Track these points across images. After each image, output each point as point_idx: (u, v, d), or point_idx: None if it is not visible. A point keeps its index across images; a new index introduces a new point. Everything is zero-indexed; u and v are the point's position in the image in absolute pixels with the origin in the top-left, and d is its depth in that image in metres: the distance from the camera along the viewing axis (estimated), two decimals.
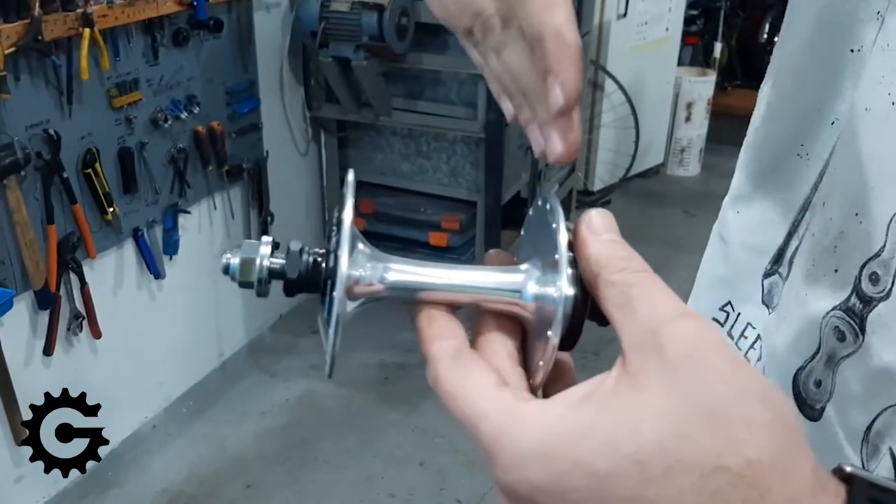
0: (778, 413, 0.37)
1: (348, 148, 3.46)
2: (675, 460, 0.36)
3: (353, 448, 2.81)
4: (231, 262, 0.44)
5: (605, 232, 0.43)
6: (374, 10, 2.84)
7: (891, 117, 0.58)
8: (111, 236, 2.49)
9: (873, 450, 0.59)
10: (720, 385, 0.36)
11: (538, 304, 0.45)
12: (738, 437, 0.36)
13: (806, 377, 0.66)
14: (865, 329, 0.60)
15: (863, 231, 0.59)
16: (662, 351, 0.37)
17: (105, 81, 2.34)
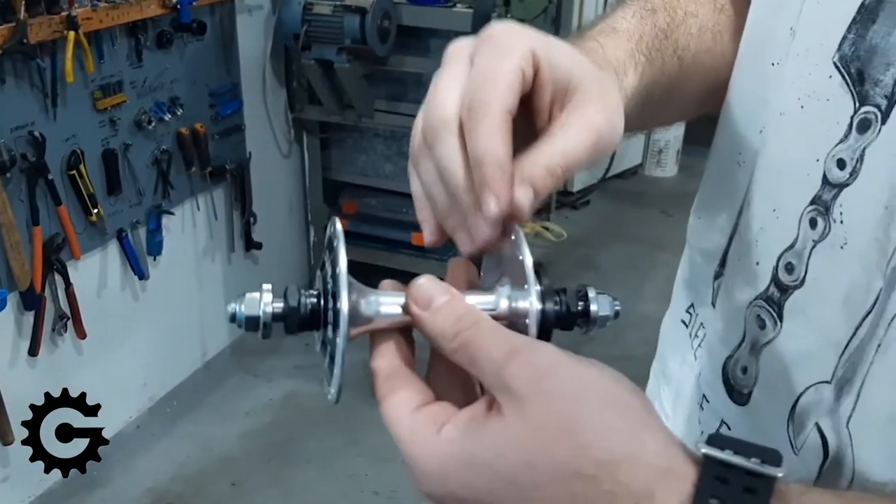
0: (620, 413, 0.44)
1: (331, 149, 3.48)
2: (541, 473, 0.43)
3: (338, 446, 2.83)
4: (237, 310, 0.50)
5: (434, 299, 0.48)
6: (357, 13, 2.87)
7: (800, 119, 0.62)
8: (95, 237, 2.51)
9: (799, 427, 0.64)
10: (561, 404, 0.43)
11: (511, 320, 0.50)
12: (585, 444, 0.42)
13: (734, 365, 0.71)
14: (783, 316, 0.64)
15: (779, 225, 0.64)
16: (510, 389, 0.44)
17: (89, 84, 2.35)
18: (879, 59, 0.56)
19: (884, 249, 0.56)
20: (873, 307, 0.57)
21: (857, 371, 0.58)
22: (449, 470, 0.45)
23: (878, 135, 0.56)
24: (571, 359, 0.46)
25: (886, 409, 0.57)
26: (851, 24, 0.58)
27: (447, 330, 0.47)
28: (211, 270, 3.10)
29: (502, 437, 0.44)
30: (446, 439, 0.45)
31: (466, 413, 0.46)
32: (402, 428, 0.47)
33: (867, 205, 0.57)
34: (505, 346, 0.45)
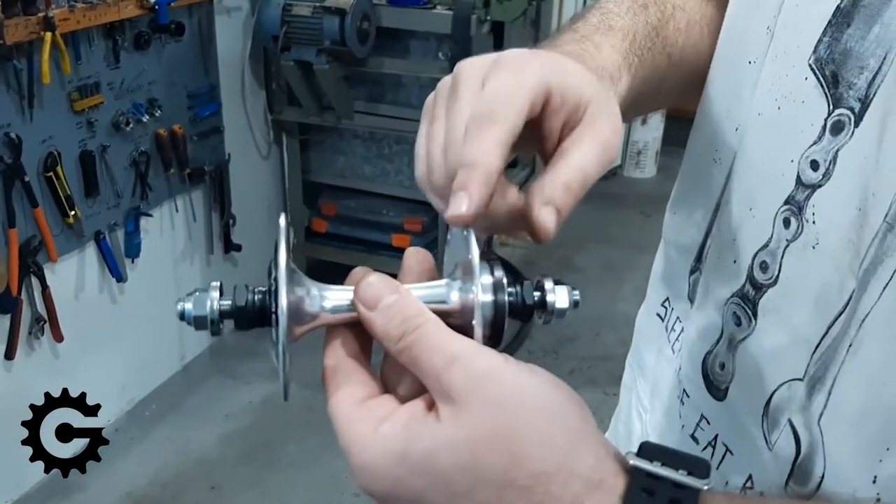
0: (556, 425, 0.45)
1: (310, 151, 3.48)
2: (476, 478, 0.44)
3: (317, 449, 2.83)
4: (185, 307, 0.50)
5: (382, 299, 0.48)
6: (336, 14, 2.86)
7: (776, 120, 0.63)
8: (73, 239, 2.49)
9: (773, 423, 0.65)
10: (497, 412, 0.44)
11: (462, 308, 0.50)
12: (519, 455, 0.43)
13: (712, 361, 0.72)
14: (758, 314, 0.66)
15: (755, 224, 0.65)
16: (448, 394, 0.45)
17: (66, 85, 2.33)
18: (854, 62, 0.57)
19: (857, 251, 0.56)
20: (846, 307, 0.58)
21: (828, 369, 0.59)
22: (383, 467, 0.46)
23: (850, 137, 0.57)
24: (511, 367, 0.46)
25: (856, 407, 0.57)
26: (827, 26, 0.59)
27: (392, 332, 0.47)
28: (190, 273, 3.09)
29: (437, 439, 0.44)
30: (382, 436, 0.46)
31: (406, 411, 0.47)
32: (342, 422, 0.48)
33: (839, 206, 0.58)
34: (446, 351, 0.46)
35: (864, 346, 0.56)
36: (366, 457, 0.46)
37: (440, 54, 3.05)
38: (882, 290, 0.54)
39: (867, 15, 0.56)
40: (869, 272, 0.55)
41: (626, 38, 0.68)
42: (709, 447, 0.73)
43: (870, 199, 0.55)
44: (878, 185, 0.55)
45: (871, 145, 0.55)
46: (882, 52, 0.55)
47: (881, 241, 0.54)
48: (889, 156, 0.54)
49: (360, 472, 0.47)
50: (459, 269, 0.52)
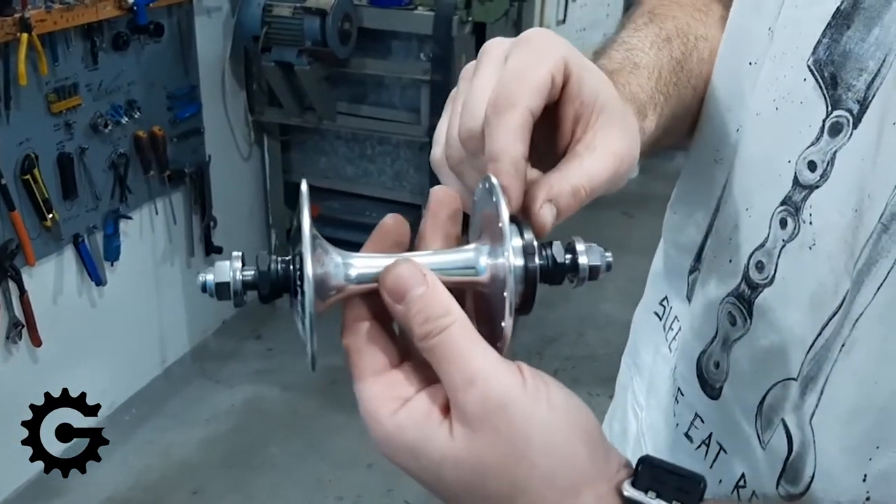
0: (562, 464, 0.46)
1: (292, 152, 3.46)
2: (479, 496, 0.47)
3: (301, 452, 2.81)
4: (207, 279, 0.49)
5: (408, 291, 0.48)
6: (317, 15, 2.85)
7: (775, 121, 0.64)
8: (51, 243, 2.46)
9: (767, 422, 0.65)
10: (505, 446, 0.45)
11: (492, 276, 0.49)
12: (521, 487, 0.46)
13: (707, 360, 0.72)
14: (753, 313, 0.66)
15: (752, 224, 0.66)
16: (464, 412, 0.46)
17: (43, 86, 2.31)
18: (853, 64, 0.57)
19: (852, 251, 0.57)
20: (840, 307, 0.58)
21: (821, 369, 0.59)
22: (398, 450, 0.48)
23: (849, 139, 0.57)
24: (528, 395, 0.46)
25: (847, 406, 0.58)
26: (826, 28, 0.59)
27: (416, 330, 0.47)
28: (170, 275, 3.06)
29: (446, 454, 0.46)
30: (398, 424, 0.47)
31: (423, 405, 0.48)
32: (364, 389, 0.49)
33: (836, 207, 0.58)
34: (466, 370, 0.46)
35: (856, 346, 0.56)
36: (383, 435, 0.48)
37: (422, 55, 3.04)
38: (876, 290, 0.55)
39: (867, 17, 0.56)
40: (863, 273, 0.55)
41: (651, 76, 0.68)
42: (703, 446, 0.74)
43: (865, 201, 0.56)
44: (874, 187, 0.55)
45: (868, 147, 0.56)
46: (881, 54, 0.55)
47: (876, 242, 0.55)
48: (886, 158, 0.54)
49: (378, 444, 0.49)
50: (486, 233, 0.51)
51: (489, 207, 0.50)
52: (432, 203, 0.52)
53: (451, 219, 0.52)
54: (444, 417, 0.47)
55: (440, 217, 0.52)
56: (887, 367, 0.55)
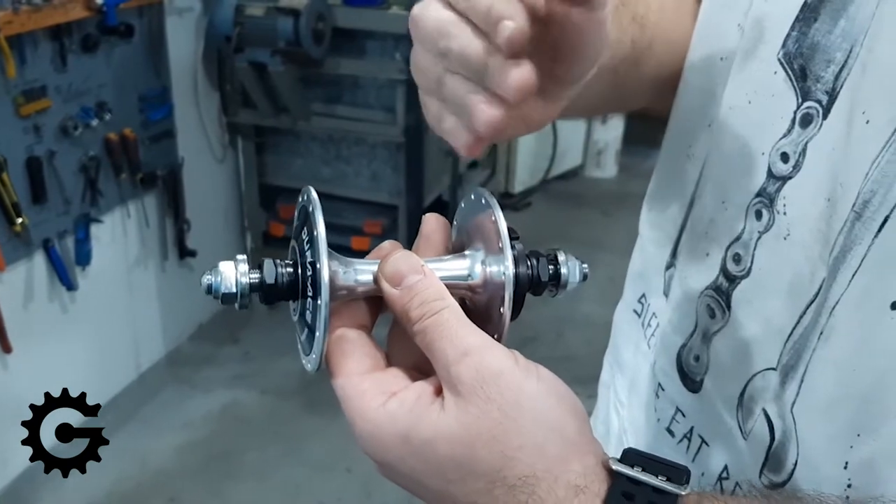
0: (552, 434, 0.48)
1: (266, 154, 3.42)
2: (469, 470, 0.47)
3: (278, 457, 2.78)
4: (213, 281, 0.50)
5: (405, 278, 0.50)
6: (290, 14, 2.82)
7: (747, 114, 0.65)
8: (20, 248, 2.42)
9: (747, 413, 0.66)
10: (497, 414, 0.47)
11: (486, 282, 0.52)
12: (511, 456, 0.47)
13: (687, 353, 0.74)
14: (731, 305, 0.67)
15: (728, 217, 0.67)
16: (456, 387, 0.47)
17: (11, 89, 2.27)
18: (821, 55, 0.59)
19: (826, 240, 0.57)
20: (816, 296, 0.59)
21: (800, 358, 0.60)
22: (387, 441, 0.49)
23: (819, 129, 0.59)
24: (520, 369, 0.49)
25: (828, 393, 0.58)
26: (795, 21, 0.61)
27: (411, 313, 0.49)
28: (143, 279, 3.02)
29: (439, 429, 0.47)
30: (389, 413, 0.48)
31: (414, 392, 0.49)
32: (349, 391, 0.50)
33: (809, 197, 0.59)
34: (460, 344, 0.48)
35: (834, 334, 0.57)
36: (371, 429, 0.49)
37: (397, 54, 3.01)
38: (851, 277, 0.55)
39: (833, 9, 0.58)
40: (838, 260, 0.56)
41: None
42: (684, 439, 0.74)
43: (838, 190, 0.57)
44: (846, 176, 0.56)
45: (838, 137, 0.57)
46: (848, 45, 0.57)
47: (849, 230, 0.55)
48: (856, 146, 0.55)
49: (364, 441, 0.49)
50: (479, 241, 0.53)
51: (480, 215, 0.53)
52: (425, 228, 0.56)
53: (443, 241, 0.56)
54: (435, 398, 0.49)
55: (432, 240, 0.56)
56: (866, 354, 0.55)
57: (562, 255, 0.54)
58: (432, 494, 0.49)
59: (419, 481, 0.49)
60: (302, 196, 0.53)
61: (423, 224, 0.56)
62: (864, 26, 0.56)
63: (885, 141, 0.53)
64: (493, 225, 0.52)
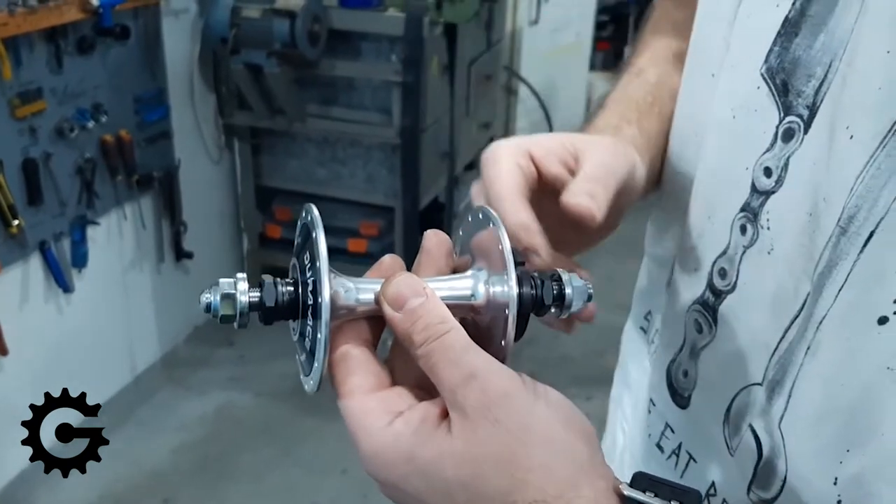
0: (561, 457, 0.47)
1: (262, 155, 3.43)
2: (477, 493, 0.46)
3: (274, 458, 2.79)
4: (212, 300, 0.49)
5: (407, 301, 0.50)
6: (286, 16, 2.83)
7: (732, 129, 0.66)
8: (16, 250, 2.42)
9: (734, 428, 0.66)
10: (506, 437, 0.46)
11: (489, 303, 0.52)
12: (521, 479, 0.46)
13: (676, 368, 0.74)
14: (717, 320, 0.68)
15: (714, 231, 0.67)
16: (463, 409, 0.47)
17: (7, 91, 2.27)
18: (802, 70, 0.59)
19: (810, 255, 0.57)
20: (801, 311, 0.59)
21: (787, 373, 0.60)
22: (391, 461, 0.48)
23: (801, 144, 0.59)
24: (527, 391, 0.48)
25: (816, 408, 0.58)
26: (777, 36, 0.61)
27: (414, 337, 0.49)
28: (139, 281, 3.02)
29: (444, 451, 0.47)
30: (394, 433, 0.48)
31: (419, 413, 0.48)
32: (353, 410, 0.49)
33: (792, 211, 0.59)
34: (465, 367, 0.48)
35: (821, 349, 0.57)
36: (375, 448, 0.48)
37: (393, 56, 3.02)
38: (837, 292, 0.55)
39: (813, 24, 0.58)
40: (824, 276, 0.56)
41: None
42: (673, 455, 0.74)
43: (821, 204, 0.57)
44: (830, 190, 0.56)
45: (820, 151, 0.57)
46: (828, 59, 0.57)
47: (835, 245, 0.55)
48: (838, 160, 0.55)
49: (367, 460, 0.49)
50: (482, 260, 0.53)
51: (484, 233, 0.53)
52: (427, 244, 0.56)
53: (445, 258, 0.56)
54: (441, 420, 0.48)
55: (434, 255, 0.55)
56: (853, 369, 0.55)
57: (566, 276, 0.53)
58: None
59: (424, 502, 0.48)
60: (304, 214, 0.52)
61: (425, 240, 0.56)
62: (843, 40, 0.56)
63: (870, 156, 0.53)
64: (497, 245, 0.51)
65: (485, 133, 3.84)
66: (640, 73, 0.79)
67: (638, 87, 0.77)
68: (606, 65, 5.49)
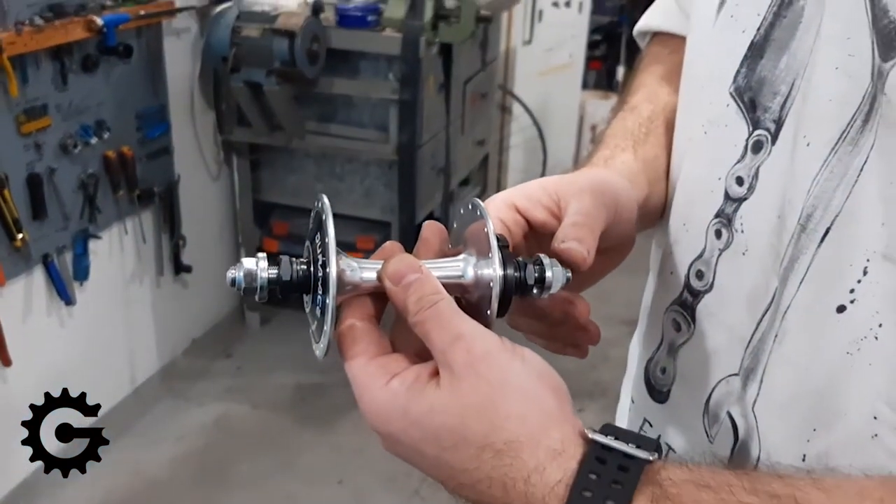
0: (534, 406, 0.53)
1: (261, 171, 3.47)
2: (461, 437, 0.53)
3: (271, 469, 2.82)
4: (236, 275, 0.57)
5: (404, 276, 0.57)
6: (286, 35, 2.88)
7: (704, 143, 0.72)
8: (20, 263, 2.46)
9: (714, 418, 0.71)
10: (486, 388, 0.53)
11: (477, 282, 0.60)
12: (498, 425, 0.52)
13: (654, 366, 0.79)
14: (696, 318, 0.72)
15: (689, 237, 0.73)
16: (450, 366, 0.54)
17: (13, 107, 2.32)
18: (767, 88, 0.65)
19: (777, 253, 0.63)
20: (771, 303, 0.64)
21: (759, 360, 0.66)
22: (389, 415, 0.55)
23: (769, 154, 0.65)
24: (506, 351, 0.55)
25: (785, 392, 0.64)
26: (743, 59, 0.67)
27: (410, 306, 0.56)
28: (139, 295, 3.07)
29: (434, 402, 0.53)
30: (391, 390, 0.55)
31: (413, 373, 0.55)
32: (358, 374, 0.56)
33: (763, 215, 0.65)
34: (453, 330, 0.54)
35: (787, 336, 0.63)
36: (376, 405, 0.55)
37: (390, 75, 3.08)
38: (799, 284, 0.61)
39: (776, 47, 0.64)
40: (788, 269, 0.62)
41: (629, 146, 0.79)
42: None
43: (786, 206, 0.62)
44: (793, 193, 0.62)
45: (786, 159, 0.63)
46: (791, 78, 0.63)
47: (796, 241, 0.61)
48: (800, 167, 0.61)
49: (370, 416, 0.56)
50: (472, 246, 0.61)
51: (475, 223, 0.61)
52: (425, 233, 0.63)
53: (440, 245, 0.63)
54: (431, 378, 0.55)
55: (430, 243, 0.63)
56: (816, 354, 0.61)
57: (546, 260, 0.60)
58: (429, 461, 0.55)
59: (418, 450, 0.55)
60: (316, 202, 0.60)
61: (423, 229, 0.63)
62: (804, 60, 0.62)
63: (824, 160, 0.59)
64: (484, 232, 0.59)
65: (480, 150, 3.89)
66: (633, 110, 0.84)
67: (632, 121, 0.82)
68: (599, 84, 5.54)
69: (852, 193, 0.58)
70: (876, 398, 0.58)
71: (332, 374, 3.22)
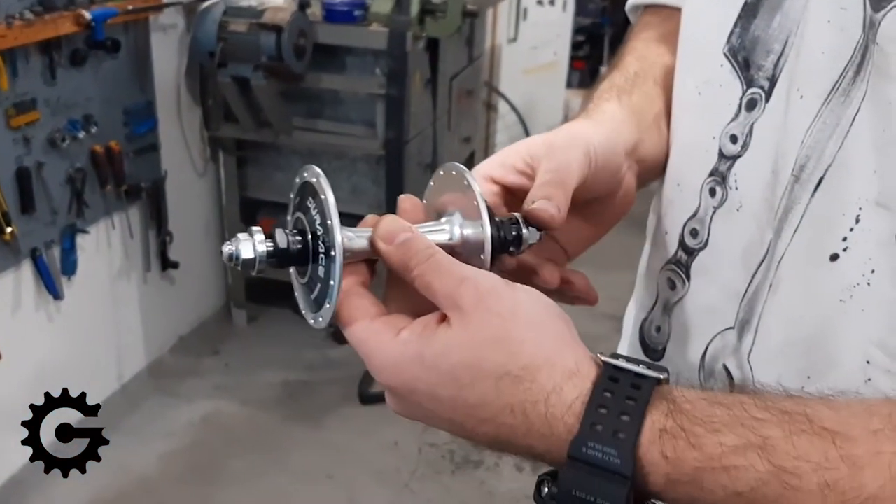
0: (545, 331, 0.55)
1: (248, 167, 3.47)
2: (477, 371, 0.54)
3: (261, 465, 2.82)
4: (233, 249, 0.57)
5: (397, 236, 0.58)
6: (273, 30, 2.88)
7: (697, 103, 0.74)
8: (8, 257, 2.45)
9: (709, 372, 0.73)
10: (498, 320, 0.54)
11: (464, 242, 0.62)
12: (513, 352, 0.54)
13: (648, 326, 0.81)
14: (690, 276, 0.74)
15: (683, 197, 0.75)
16: (459, 306, 0.55)
17: (3, 101, 2.31)
18: (761, 47, 0.67)
19: (771, 206, 0.65)
20: (765, 256, 0.66)
21: (753, 311, 0.67)
22: (402, 365, 0.56)
23: (763, 112, 0.67)
24: (510, 286, 0.57)
25: (779, 341, 0.65)
26: (737, 19, 0.69)
27: (407, 262, 0.57)
28: (127, 290, 3.05)
29: (448, 341, 0.55)
30: (402, 340, 0.56)
31: (420, 323, 0.56)
32: (363, 333, 0.57)
33: (757, 171, 0.67)
34: (457, 274, 0.56)
35: (781, 286, 0.64)
36: (387, 358, 0.56)
37: (377, 70, 3.08)
38: (793, 234, 0.63)
39: (770, 7, 0.67)
40: (782, 220, 0.64)
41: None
42: None
43: (780, 160, 0.64)
44: (786, 147, 0.64)
45: (779, 116, 0.65)
46: (784, 36, 0.65)
47: (790, 192, 0.63)
48: (793, 122, 0.63)
49: (382, 371, 0.57)
50: (455, 207, 0.63)
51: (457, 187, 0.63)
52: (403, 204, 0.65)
53: (419, 216, 0.65)
54: (440, 323, 0.56)
55: (410, 213, 0.64)
56: (809, 303, 0.63)
57: (521, 220, 0.63)
58: (447, 406, 0.55)
59: (435, 396, 0.55)
60: (301, 173, 0.60)
61: (401, 202, 0.65)
62: (797, 19, 0.64)
63: (816, 112, 0.61)
64: (470, 193, 0.61)
65: (466, 147, 3.91)
66: (620, 69, 0.85)
67: (619, 77, 0.83)
68: (582, 83, 5.58)
69: (844, 143, 0.60)
70: (868, 343, 0.60)
71: (320, 372, 3.23)
